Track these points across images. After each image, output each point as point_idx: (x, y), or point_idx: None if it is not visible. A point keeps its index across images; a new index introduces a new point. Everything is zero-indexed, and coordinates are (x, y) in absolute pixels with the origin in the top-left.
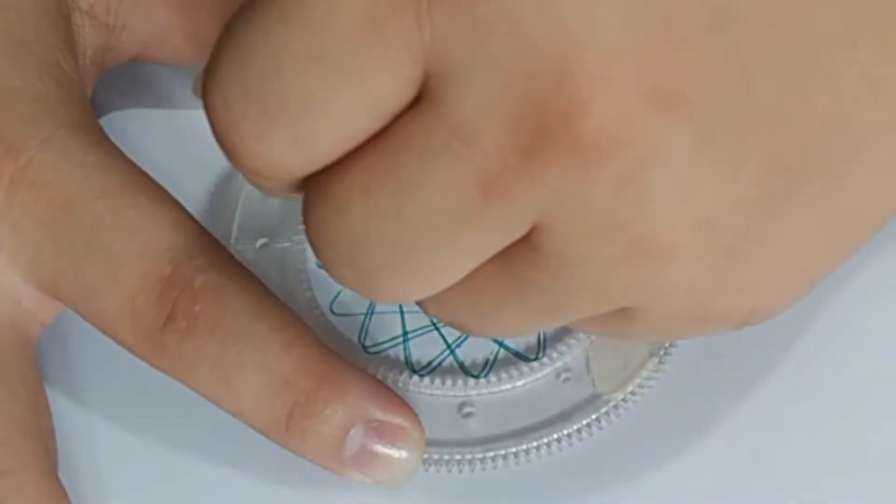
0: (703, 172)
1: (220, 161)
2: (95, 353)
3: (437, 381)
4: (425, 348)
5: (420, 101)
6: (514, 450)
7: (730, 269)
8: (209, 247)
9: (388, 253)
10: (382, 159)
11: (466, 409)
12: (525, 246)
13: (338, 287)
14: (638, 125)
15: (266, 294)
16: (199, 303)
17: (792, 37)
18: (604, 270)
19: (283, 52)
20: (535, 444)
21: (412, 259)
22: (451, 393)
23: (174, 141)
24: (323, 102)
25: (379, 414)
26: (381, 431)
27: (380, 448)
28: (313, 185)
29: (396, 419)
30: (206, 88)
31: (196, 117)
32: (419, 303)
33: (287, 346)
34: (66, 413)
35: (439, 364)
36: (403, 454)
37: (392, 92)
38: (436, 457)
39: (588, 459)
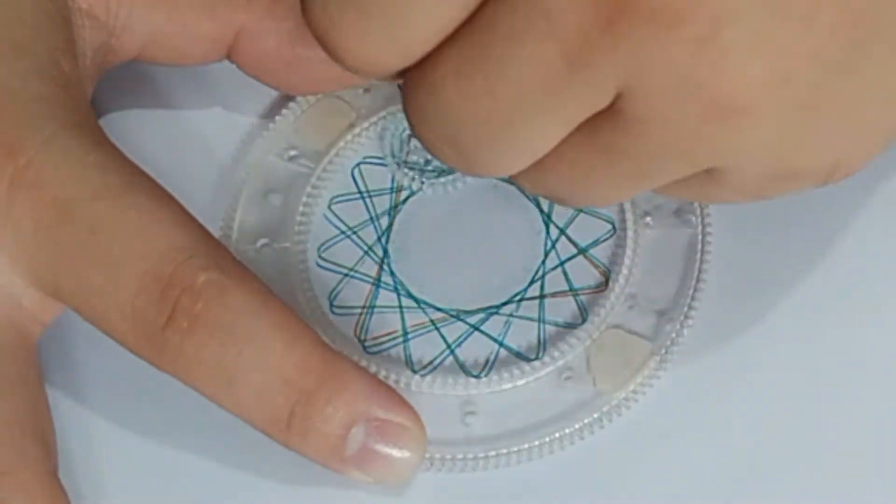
0: (777, 27)
1: (220, 161)
2: (95, 353)
3: (439, 380)
4: (425, 348)
5: None
6: (514, 449)
7: (808, 123)
8: (210, 246)
9: (483, 129)
10: (472, 43)
11: (467, 409)
12: (610, 114)
13: (337, 286)
14: None
15: (267, 293)
16: (200, 302)
17: None
18: (686, 131)
19: None
20: (535, 443)
21: (506, 133)
22: (453, 392)
23: (174, 141)
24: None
25: (380, 413)
26: (383, 430)
27: (381, 447)
28: (411, 74)
29: (398, 418)
30: None
31: (196, 117)
32: (514, 178)
33: (288, 346)
34: (67, 413)
35: (440, 364)
36: (405, 453)
37: None
38: (437, 456)
39: (588, 459)
